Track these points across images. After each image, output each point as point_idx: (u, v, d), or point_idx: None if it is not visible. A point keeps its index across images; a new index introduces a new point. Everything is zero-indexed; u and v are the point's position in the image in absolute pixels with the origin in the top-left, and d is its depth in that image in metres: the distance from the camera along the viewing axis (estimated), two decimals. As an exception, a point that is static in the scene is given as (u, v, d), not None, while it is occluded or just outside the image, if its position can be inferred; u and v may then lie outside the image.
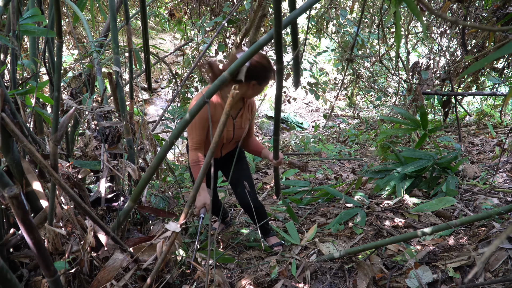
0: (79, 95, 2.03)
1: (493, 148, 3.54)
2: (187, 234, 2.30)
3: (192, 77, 4.75)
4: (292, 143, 5.81)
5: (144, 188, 1.32)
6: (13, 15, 1.29)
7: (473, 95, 5.05)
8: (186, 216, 1.17)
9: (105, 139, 1.72)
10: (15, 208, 0.78)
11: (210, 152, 1.07)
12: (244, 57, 1.08)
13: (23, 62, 1.53)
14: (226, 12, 4.02)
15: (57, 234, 1.22)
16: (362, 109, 8.47)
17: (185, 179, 3.53)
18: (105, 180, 1.56)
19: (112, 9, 1.59)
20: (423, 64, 4.79)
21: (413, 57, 6.83)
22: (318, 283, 1.60)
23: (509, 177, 2.59)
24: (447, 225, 1.46)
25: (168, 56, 5.51)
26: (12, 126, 1.05)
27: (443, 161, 2.47)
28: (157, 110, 8.41)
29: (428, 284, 1.46)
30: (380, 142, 3.77)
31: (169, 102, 4.01)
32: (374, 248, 1.67)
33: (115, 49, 1.63)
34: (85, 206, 1.19)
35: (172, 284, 1.50)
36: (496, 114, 5.26)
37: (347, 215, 2.22)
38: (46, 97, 1.57)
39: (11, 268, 1.22)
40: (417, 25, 5.89)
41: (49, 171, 1.08)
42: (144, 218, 1.85)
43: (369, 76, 6.89)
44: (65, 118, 1.12)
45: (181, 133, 1.20)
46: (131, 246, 1.42)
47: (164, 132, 4.53)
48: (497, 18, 3.08)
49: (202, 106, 1.10)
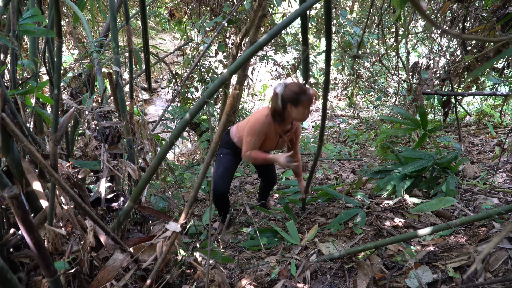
0: (79, 95, 2.03)
1: (493, 148, 3.54)
2: (187, 234, 2.31)
3: (192, 77, 4.75)
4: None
5: (144, 188, 1.32)
6: (13, 15, 1.29)
7: (473, 95, 5.05)
8: (187, 216, 1.17)
9: (105, 139, 1.72)
10: (15, 208, 0.78)
11: (210, 152, 1.07)
12: (244, 56, 1.08)
13: (23, 62, 1.53)
14: (226, 12, 4.02)
15: (57, 234, 1.22)
16: (362, 109, 8.47)
17: (185, 179, 3.53)
18: (105, 180, 1.56)
19: (112, 9, 1.59)
20: (423, 64, 4.79)
21: (413, 57, 6.83)
22: (318, 283, 1.60)
23: (509, 177, 2.59)
24: (447, 225, 1.46)
25: (168, 56, 5.51)
26: (12, 126, 1.05)
27: (443, 161, 2.47)
28: (157, 110, 8.42)
29: (428, 284, 1.46)
30: (380, 142, 3.77)
31: (169, 102, 4.01)
32: (374, 248, 1.67)
33: (115, 49, 1.63)
34: (85, 206, 1.19)
35: (172, 284, 1.50)
36: (496, 114, 5.26)
37: (347, 215, 2.22)
38: (46, 97, 1.57)
39: (11, 268, 1.22)
40: (417, 25, 5.89)
41: (49, 171, 1.08)
42: (144, 218, 1.85)
43: (369, 76, 6.89)
44: (65, 118, 1.12)
45: (181, 133, 1.20)
46: (131, 246, 1.42)
47: (164, 132, 4.54)
48: (497, 18, 3.08)
49: (202, 106, 1.10)
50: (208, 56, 4.85)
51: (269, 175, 2.62)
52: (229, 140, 2.31)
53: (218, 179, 2.23)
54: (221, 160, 2.30)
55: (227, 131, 2.37)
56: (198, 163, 4.67)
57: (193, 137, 6.11)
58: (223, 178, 2.24)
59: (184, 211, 1.16)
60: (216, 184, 2.23)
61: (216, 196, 2.25)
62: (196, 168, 4.27)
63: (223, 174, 2.25)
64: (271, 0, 3.87)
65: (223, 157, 2.32)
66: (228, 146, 2.33)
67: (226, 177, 2.25)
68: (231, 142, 2.31)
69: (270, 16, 4.87)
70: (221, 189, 2.22)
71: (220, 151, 2.36)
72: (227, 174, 2.26)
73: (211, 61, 4.94)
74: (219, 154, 2.35)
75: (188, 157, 5.64)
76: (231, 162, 2.30)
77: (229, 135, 2.33)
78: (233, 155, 2.32)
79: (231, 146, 2.31)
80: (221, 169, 2.26)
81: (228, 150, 2.33)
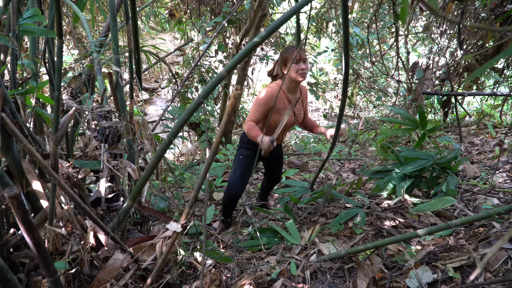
0: (79, 95, 2.02)
1: (493, 148, 3.54)
2: (187, 234, 2.30)
3: (192, 77, 4.75)
4: (292, 143, 5.82)
5: (143, 186, 1.32)
6: (13, 15, 1.29)
7: (473, 95, 5.05)
8: (187, 217, 1.17)
9: (105, 139, 1.72)
10: (15, 208, 0.78)
11: (211, 152, 1.07)
12: (241, 54, 1.08)
13: (23, 62, 1.53)
14: (226, 12, 4.02)
15: (57, 234, 1.22)
16: (362, 109, 8.47)
17: (185, 179, 3.53)
18: (105, 180, 1.56)
19: (112, 9, 1.59)
20: (423, 64, 4.79)
21: (413, 57, 6.83)
22: (318, 283, 1.60)
23: (509, 177, 2.59)
24: (447, 225, 1.46)
25: (168, 56, 5.51)
26: (12, 126, 1.05)
27: (443, 161, 2.47)
28: (157, 110, 8.42)
29: (428, 284, 1.46)
30: (380, 142, 3.77)
31: (169, 102, 4.01)
32: (374, 248, 1.67)
33: (115, 49, 1.63)
34: (85, 206, 1.19)
35: (172, 284, 1.50)
36: (496, 114, 5.26)
37: (347, 215, 2.22)
38: (46, 97, 1.57)
39: (11, 268, 1.22)
40: (417, 25, 5.89)
41: (49, 171, 1.08)
42: (144, 218, 1.85)
43: (369, 76, 6.89)
44: (66, 118, 1.12)
45: (179, 132, 1.20)
46: (131, 246, 1.42)
47: (164, 132, 4.54)
48: (495, 16, 3.08)
49: (198, 106, 1.10)
50: (208, 56, 4.84)
51: (276, 173, 2.56)
52: (247, 139, 2.21)
53: (234, 182, 2.19)
54: (240, 162, 2.23)
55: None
56: (198, 163, 4.67)
57: (193, 137, 6.11)
58: (239, 182, 2.19)
59: (184, 211, 1.16)
60: (231, 186, 2.19)
61: (229, 199, 2.22)
62: (196, 168, 4.27)
63: (240, 178, 2.19)
64: (271, 0, 3.87)
65: (242, 159, 2.23)
66: (248, 145, 2.23)
67: (242, 181, 2.20)
68: (248, 140, 2.21)
69: (270, 16, 4.87)
70: (235, 193, 2.19)
71: (240, 151, 2.26)
72: (243, 178, 2.21)
73: (211, 61, 4.94)
74: (239, 155, 2.26)
75: (188, 157, 5.64)
76: (249, 166, 2.22)
77: (245, 134, 2.22)
78: (252, 157, 2.24)
79: (252, 144, 2.21)
80: (239, 172, 2.20)
81: (249, 152, 2.23)
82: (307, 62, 2.02)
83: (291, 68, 1.98)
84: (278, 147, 2.43)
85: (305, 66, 1.99)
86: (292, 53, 1.98)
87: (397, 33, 4.44)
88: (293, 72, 2.00)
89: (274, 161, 2.46)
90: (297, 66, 1.98)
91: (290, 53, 1.99)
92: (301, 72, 1.98)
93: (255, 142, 2.17)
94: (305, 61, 2.00)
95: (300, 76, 1.99)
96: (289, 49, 2.00)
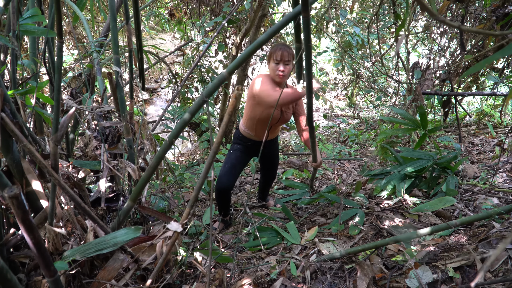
0: (79, 95, 2.02)
1: (493, 148, 3.54)
2: (187, 234, 2.30)
3: (192, 77, 4.75)
4: (292, 143, 5.81)
5: (143, 187, 1.32)
6: (13, 15, 1.29)
7: (473, 95, 5.04)
8: (187, 217, 1.17)
9: (105, 139, 1.72)
10: (15, 208, 0.78)
11: (212, 152, 1.07)
12: (243, 55, 1.08)
13: (23, 62, 1.53)
14: (226, 12, 4.02)
15: (57, 234, 1.22)
16: (362, 109, 8.47)
17: (185, 179, 3.53)
18: (105, 180, 1.56)
19: (112, 9, 1.59)
20: (423, 64, 4.78)
21: (413, 57, 6.82)
22: (318, 283, 1.60)
23: (509, 177, 2.59)
24: (447, 225, 1.46)
25: (168, 56, 5.51)
26: (12, 126, 1.05)
27: (443, 161, 2.47)
28: (157, 110, 8.41)
29: (428, 284, 1.46)
30: (380, 142, 3.77)
31: (169, 102, 4.01)
32: (374, 248, 1.67)
33: (115, 49, 1.63)
34: (85, 206, 1.19)
35: (172, 284, 1.50)
36: (496, 114, 5.25)
37: (346, 215, 2.22)
38: (46, 97, 1.56)
39: (11, 268, 1.22)
40: (417, 25, 5.89)
41: (49, 171, 1.07)
42: (144, 218, 1.85)
43: (369, 76, 6.89)
44: (66, 118, 1.12)
45: (180, 132, 1.20)
46: (131, 246, 1.42)
47: (164, 132, 4.54)
48: (496, 17, 3.08)
49: (201, 105, 1.10)
50: (208, 56, 4.84)
51: (270, 170, 2.59)
52: (239, 134, 2.30)
53: (223, 174, 2.22)
54: (230, 156, 2.29)
55: (237, 126, 2.36)
56: (198, 163, 4.67)
57: (193, 137, 6.11)
58: (228, 174, 2.22)
59: (185, 211, 1.16)
60: (220, 178, 2.21)
61: (218, 191, 2.23)
62: (196, 168, 4.27)
63: (229, 171, 2.22)
64: (271, 0, 3.87)
65: (232, 153, 2.30)
66: (239, 140, 2.31)
67: (231, 174, 2.22)
68: (241, 135, 2.29)
69: (270, 16, 4.87)
70: (224, 185, 2.20)
71: (232, 146, 2.35)
72: (233, 171, 2.23)
73: (211, 61, 4.94)
74: (230, 149, 2.34)
75: (188, 157, 5.63)
76: (240, 159, 2.27)
77: (239, 130, 2.31)
78: (243, 151, 2.29)
79: (242, 140, 2.29)
80: (228, 164, 2.25)
81: (239, 146, 2.30)
82: (289, 66, 1.97)
83: (270, 66, 2.01)
84: (272, 144, 2.41)
85: (283, 69, 1.95)
86: (275, 52, 1.95)
87: (397, 33, 4.43)
88: (271, 70, 2.01)
89: (269, 158, 2.47)
90: (276, 66, 1.97)
91: (273, 51, 1.97)
92: (278, 73, 1.96)
93: (246, 138, 2.27)
94: (286, 63, 1.95)
95: (277, 77, 1.98)
96: (277, 46, 1.97)
